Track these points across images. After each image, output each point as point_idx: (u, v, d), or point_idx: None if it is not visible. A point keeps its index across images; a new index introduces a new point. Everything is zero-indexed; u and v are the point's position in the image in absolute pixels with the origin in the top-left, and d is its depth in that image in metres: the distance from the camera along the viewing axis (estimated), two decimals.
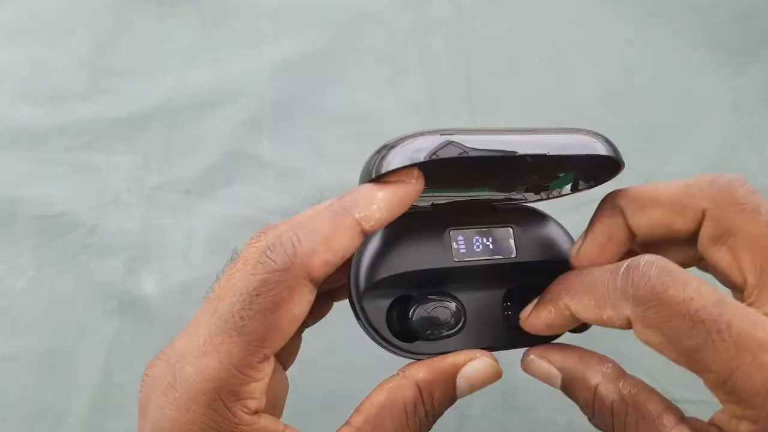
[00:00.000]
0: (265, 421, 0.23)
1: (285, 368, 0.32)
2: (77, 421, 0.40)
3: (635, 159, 0.50)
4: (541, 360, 0.26)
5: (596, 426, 0.25)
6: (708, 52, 0.55)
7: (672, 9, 0.58)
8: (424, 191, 0.27)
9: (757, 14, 0.58)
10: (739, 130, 0.51)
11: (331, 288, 0.30)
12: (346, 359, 0.42)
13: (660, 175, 0.48)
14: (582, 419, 0.26)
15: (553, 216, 0.29)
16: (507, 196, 0.29)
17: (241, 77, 0.56)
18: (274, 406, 0.29)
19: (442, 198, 0.28)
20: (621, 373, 0.25)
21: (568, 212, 0.47)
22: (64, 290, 0.45)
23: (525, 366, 0.27)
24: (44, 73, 0.56)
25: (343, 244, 0.23)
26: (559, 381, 0.26)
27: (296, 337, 0.32)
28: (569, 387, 0.25)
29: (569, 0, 0.60)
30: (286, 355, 0.31)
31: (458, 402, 0.40)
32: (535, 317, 0.26)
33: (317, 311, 0.32)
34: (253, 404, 0.23)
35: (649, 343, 0.23)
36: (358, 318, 0.26)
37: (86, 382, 0.41)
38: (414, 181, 0.24)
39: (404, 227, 0.26)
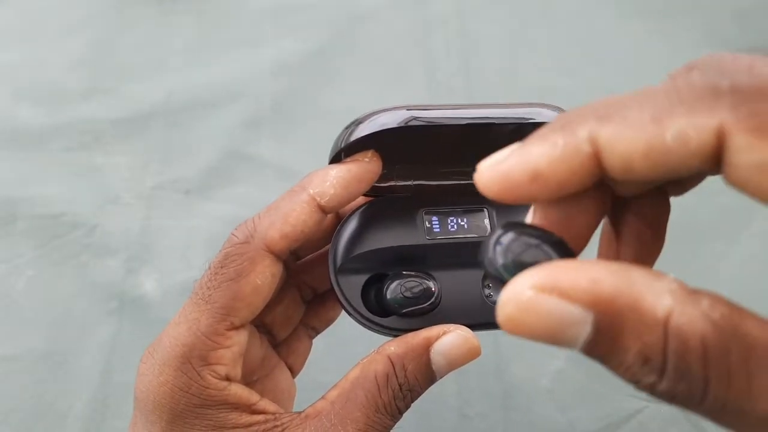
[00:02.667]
0: (237, 388, 0.24)
1: (293, 373, 0.32)
2: (77, 421, 0.40)
3: None
4: (550, 296, 0.14)
5: (665, 397, 0.14)
6: (708, 52, 0.55)
7: (672, 9, 0.58)
8: (403, 178, 0.29)
9: (757, 14, 0.58)
10: None
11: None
12: (347, 360, 0.42)
13: None
14: (582, 419, 0.26)
15: None
16: None
17: (241, 77, 0.56)
18: (279, 402, 0.29)
19: (423, 185, 0.29)
20: (691, 290, 0.14)
21: None
22: (64, 290, 0.45)
23: (511, 317, 0.15)
24: (44, 73, 0.56)
25: (300, 218, 0.24)
26: (586, 330, 0.14)
27: (305, 343, 0.33)
28: (608, 335, 0.14)
29: (569, 0, 0.60)
30: (293, 358, 0.32)
31: (458, 402, 0.40)
32: (516, 159, 0.16)
33: (325, 316, 0.33)
34: (222, 370, 0.24)
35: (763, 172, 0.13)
36: (335, 294, 0.27)
37: (86, 382, 0.41)
38: (367, 159, 0.26)
39: (381, 210, 0.28)
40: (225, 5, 0.60)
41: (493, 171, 0.16)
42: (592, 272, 0.14)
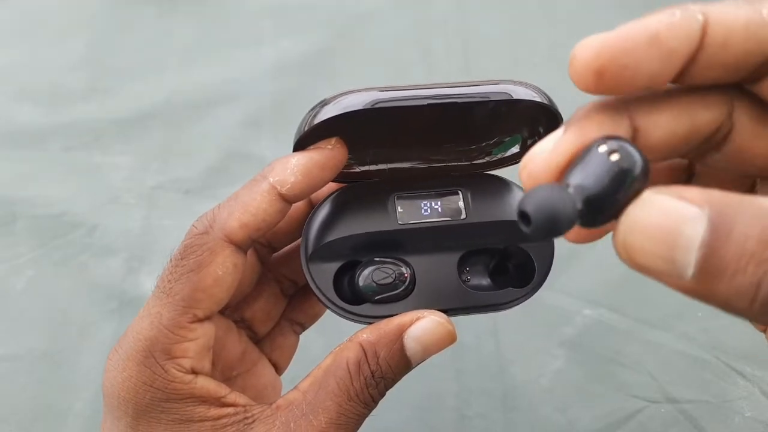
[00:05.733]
0: (204, 382, 0.24)
1: (279, 369, 0.31)
2: (77, 421, 0.40)
3: None
4: (666, 195, 0.15)
5: None
6: None
7: None
8: (376, 163, 0.28)
9: None
10: None
11: None
12: None
13: None
14: (582, 419, 0.26)
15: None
16: (462, 165, 0.29)
17: (241, 77, 0.56)
18: (262, 398, 0.29)
19: (398, 169, 0.28)
20: None
21: None
22: (64, 290, 0.45)
23: (630, 220, 0.15)
24: (44, 73, 0.56)
25: (260, 207, 0.24)
26: (702, 227, 0.14)
27: (290, 339, 0.32)
28: (724, 227, 0.14)
29: (569, 0, 0.60)
30: (278, 354, 0.31)
31: (458, 402, 0.40)
32: (633, 24, 0.17)
33: (309, 311, 0.32)
34: (187, 363, 0.24)
35: None
36: (308, 282, 0.26)
37: (86, 382, 0.41)
38: (330, 147, 0.25)
39: (353, 196, 0.27)
40: (225, 5, 0.60)
41: (604, 39, 0.17)
42: (697, 187, 0.14)
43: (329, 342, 0.34)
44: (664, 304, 0.43)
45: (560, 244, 0.28)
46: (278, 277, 0.31)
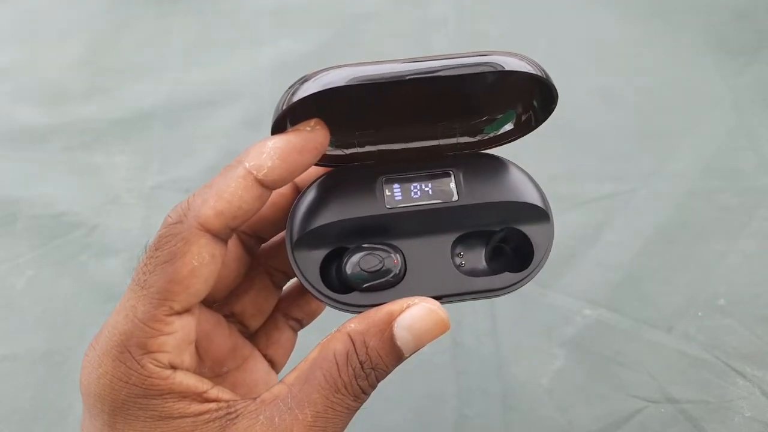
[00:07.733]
0: (184, 377, 0.23)
1: (277, 366, 0.31)
2: (77, 421, 0.40)
3: (636, 158, 0.50)
4: None
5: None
6: (708, 52, 0.55)
7: (672, 9, 0.58)
8: (364, 145, 0.27)
9: (757, 14, 0.58)
10: (739, 129, 0.51)
11: None
12: None
13: (660, 175, 0.48)
14: (582, 419, 0.26)
15: (553, 214, 0.28)
16: (453, 144, 0.27)
17: (241, 77, 0.56)
18: (254, 395, 0.29)
19: (387, 151, 0.27)
20: None
21: (568, 211, 0.47)
22: (64, 290, 0.45)
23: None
24: (44, 73, 0.56)
25: (236, 193, 0.23)
26: None
27: (286, 334, 0.31)
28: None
29: (569, 0, 0.60)
30: (274, 350, 0.30)
31: (458, 402, 0.40)
32: None
33: (306, 307, 0.31)
34: (164, 358, 0.23)
35: None
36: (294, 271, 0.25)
37: None
38: (309, 129, 0.24)
39: (339, 180, 0.26)
40: (225, 5, 0.60)
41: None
42: None
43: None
44: (664, 304, 0.43)
45: (560, 240, 0.28)
46: (268, 269, 0.30)
